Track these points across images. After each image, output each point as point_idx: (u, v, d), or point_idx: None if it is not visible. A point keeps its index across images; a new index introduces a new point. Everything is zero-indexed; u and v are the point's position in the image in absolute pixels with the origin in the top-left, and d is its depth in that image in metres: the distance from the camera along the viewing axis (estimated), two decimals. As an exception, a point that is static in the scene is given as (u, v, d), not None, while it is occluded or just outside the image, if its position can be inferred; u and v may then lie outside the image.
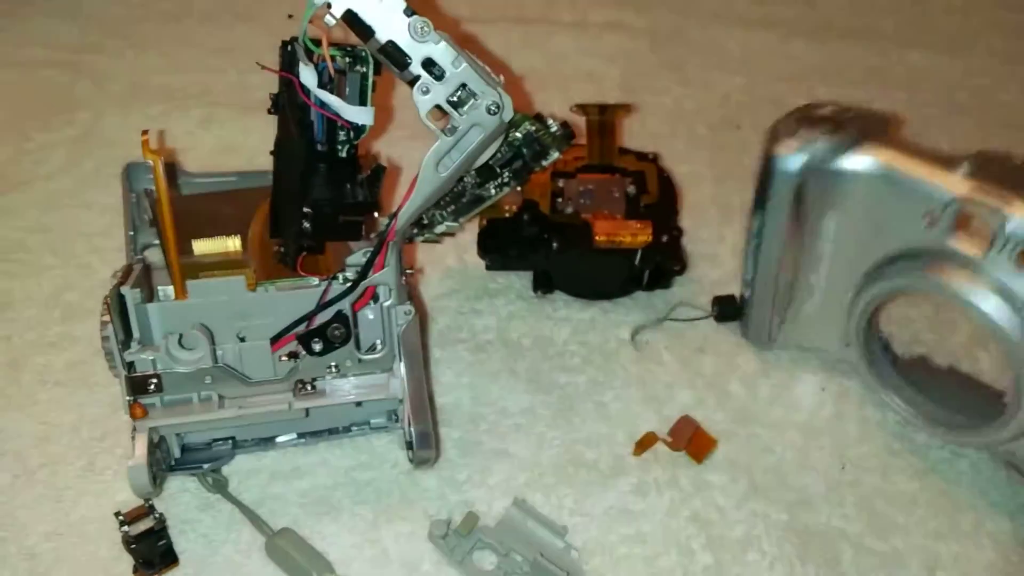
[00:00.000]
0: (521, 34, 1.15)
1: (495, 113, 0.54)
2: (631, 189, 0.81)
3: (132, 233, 0.71)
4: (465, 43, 0.56)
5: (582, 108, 0.83)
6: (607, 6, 1.22)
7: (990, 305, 0.59)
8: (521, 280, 0.83)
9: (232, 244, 0.65)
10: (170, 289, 0.62)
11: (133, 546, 0.60)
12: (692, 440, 0.70)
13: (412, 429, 0.60)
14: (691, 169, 0.97)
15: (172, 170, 0.74)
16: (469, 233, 0.81)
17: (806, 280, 0.73)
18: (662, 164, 0.85)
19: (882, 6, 1.29)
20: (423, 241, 0.75)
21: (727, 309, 0.78)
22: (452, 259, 0.85)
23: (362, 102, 0.57)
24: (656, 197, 0.81)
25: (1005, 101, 1.13)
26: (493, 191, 0.69)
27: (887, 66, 1.17)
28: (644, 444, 0.70)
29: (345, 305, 0.60)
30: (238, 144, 0.95)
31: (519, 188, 0.79)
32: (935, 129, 1.08)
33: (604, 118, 0.83)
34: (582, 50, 1.13)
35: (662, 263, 0.78)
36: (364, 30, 0.51)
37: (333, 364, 0.62)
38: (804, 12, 1.26)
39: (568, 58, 1.12)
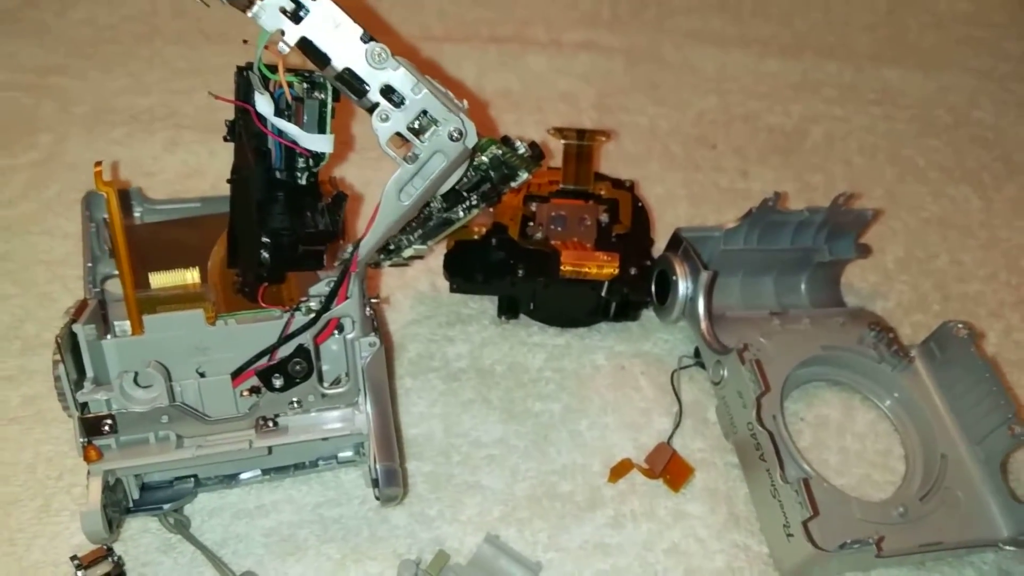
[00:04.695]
0: (495, 54, 1.14)
1: (458, 139, 0.53)
2: (604, 217, 0.80)
3: (91, 265, 0.69)
4: (428, 69, 0.55)
5: (560, 132, 0.82)
6: (581, 26, 1.21)
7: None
8: (494, 305, 0.81)
9: (190, 276, 0.63)
10: (127, 324, 0.59)
11: (88, 592, 0.58)
12: (669, 468, 0.68)
13: (377, 467, 0.58)
14: (666, 190, 0.96)
15: (127, 197, 0.72)
16: (441, 257, 0.79)
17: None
18: (638, 192, 0.84)
19: (858, 24, 1.29)
20: (391, 265, 0.73)
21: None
22: (424, 284, 0.84)
23: (321, 129, 0.55)
24: (628, 227, 0.79)
25: (979, 118, 1.13)
26: (462, 213, 0.67)
27: (862, 83, 1.17)
28: (619, 471, 0.69)
29: (307, 339, 0.58)
30: (204, 167, 0.93)
31: (491, 210, 0.78)
32: (908, 146, 1.07)
33: (581, 143, 0.81)
34: (557, 70, 1.12)
35: (629, 295, 0.76)
36: (320, 57, 0.50)
37: (295, 399, 0.60)
38: (779, 30, 1.25)
39: (543, 78, 1.11)
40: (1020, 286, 0.90)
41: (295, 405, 0.61)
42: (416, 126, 0.52)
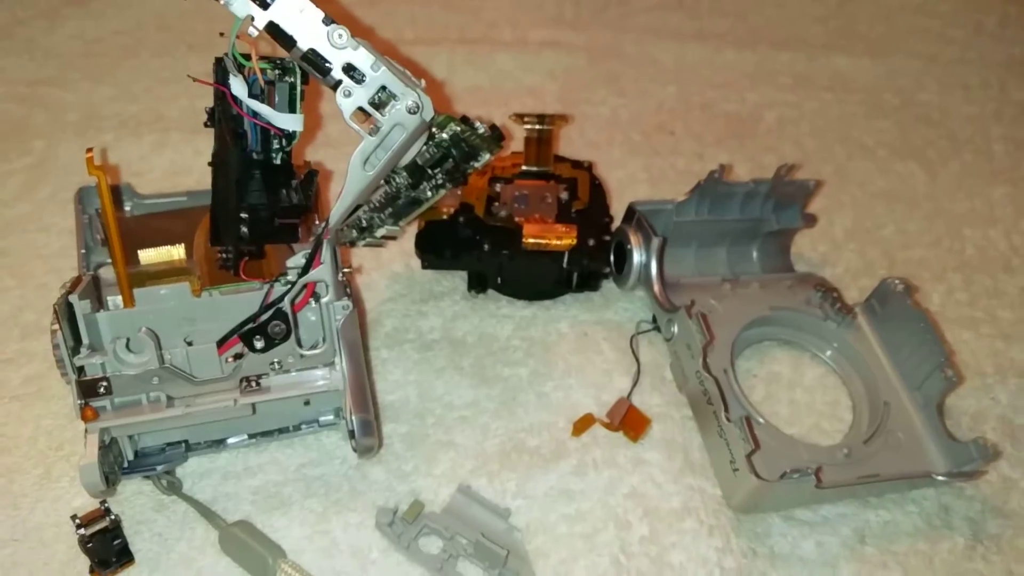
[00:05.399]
0: (464, 54, 1.20)
1: (415, 112, 0.58)
2: (563, 195, 0.85)
3: (84, 251, 0.74)
4: (387, 53, 0.60)
5: (520, 117, 0.88)
6: (546, 26, 1.27)
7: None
8: (464, 282, 0.86)
9: (176, 253, 0.68)
10: (119, 299, 0.64)
11: (89, 546, 0.62)
12: (627, 419, 0.73)
13: (353, 418, 0.63)
14: (627, 173, 1.02)
15: (119, 193, 0.77)
16: (414, 239, 0.85)
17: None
18: (596, 172, 0.89)
19: (810, 16, 1.36)
20: (365, 245, 0.78)
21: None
22: (399, 265, 0.89)
23: (292, 110, 0.60)
24: (586, 203, 0.85)
25: (924, 100, 1.19)
26: (429, 193, 0.72)
27: (814, 71, 1.23)
28: (582, 425, 0.73)
29: (284, 302, 0.63)
30: (189, 166, 0.98)
31: (458, 191, 0.84)
32: (858, 127, 1.13)
33: (541, 127, 0.87)
34: (523, 67, 1.18)
35: (589, 265, 0.82)
36: (286, 40, 0.55)
37: (276, 360, 0.65)
38: (735, 24, 1.32)
39: (510, 75, 1.17)
40: (962, 251, 0.96)
41: (276, 366, 0.66)
42: (377, 100, 0.58)
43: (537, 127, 0.86)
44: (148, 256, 0.67)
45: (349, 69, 0.57)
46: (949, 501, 0.71)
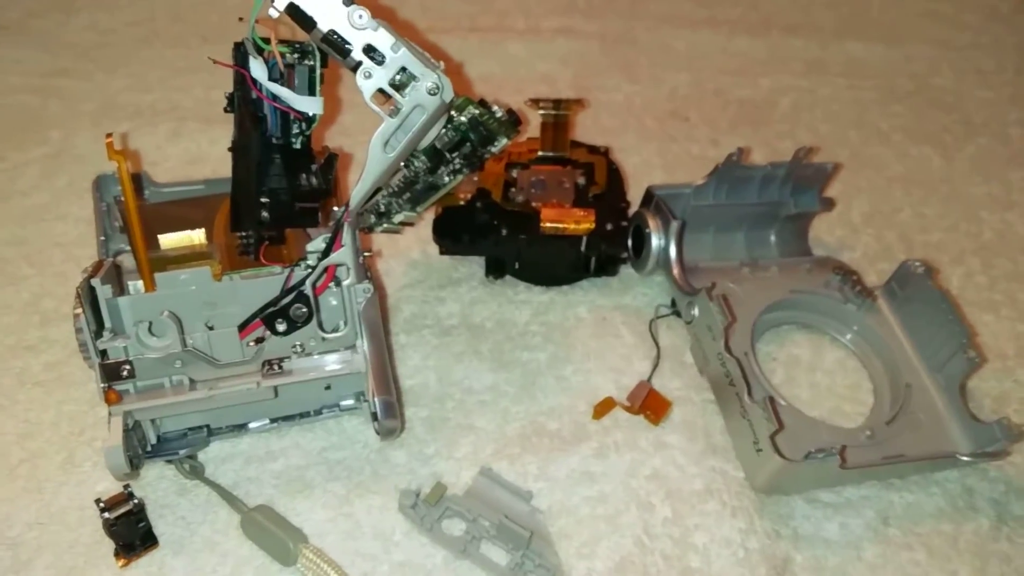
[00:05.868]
0: (477, 42, 1.20)
1: (435, 94, 0.58)
2: (580, 180, 0.85)
3: (103, 239, 0.74)
4: (407, 35, 0.60)
5: (536, 102, 0.87)
6: (559, 13, 1.27)
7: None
8: (482, 269, 0.86)
9: (197, 237, 0.68)
10: (140, 284, 0.65)
11: (113, 529, 0.63)
12: (648, 402, 0.73)
13: (376, 400, 0.63)
14: (642, 159, 1.02)
15: (138, 180, 0.77)
16: (431, 226, 0.84)
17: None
18: (612, 157, 0.89)
19: (821, 2, 1.35)
20: (383, 231, 0.78)
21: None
22: (416, 252, 0.89)
23: (311, 93, 0.60)
24: (604, 187, 0.85)
25: (939, 84, 1.18)
26: (447, 178, 0.72)
27: (827, 57, 1.22)
28: (602, 409, 0.73)
29: (306, 285, 0.63)
30: (205, 154, 0.98)
31: (475, 177, 0.84)
32: (873, 112, 1.13)
33: (558, 112, 0.87)
34: (536, 54, 1.18)
35: (607, 250, 0.81)
36: (306, 21, 0.55)
37: (298, 343, 0.65)
38: (747, 11, 1.31)
39: (523, 62, 1.16)
40: (980, 234, 0.96)
41: (298, 349, 0.66)
42: (397, 82, 0.58)
43: (553, 112, 0.86)
44: (168, 241, 0.68)
45: (369, 50, 0.57)
46: (973, 483, 0.71)
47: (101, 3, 1.26)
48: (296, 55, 0.60)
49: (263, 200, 0.63)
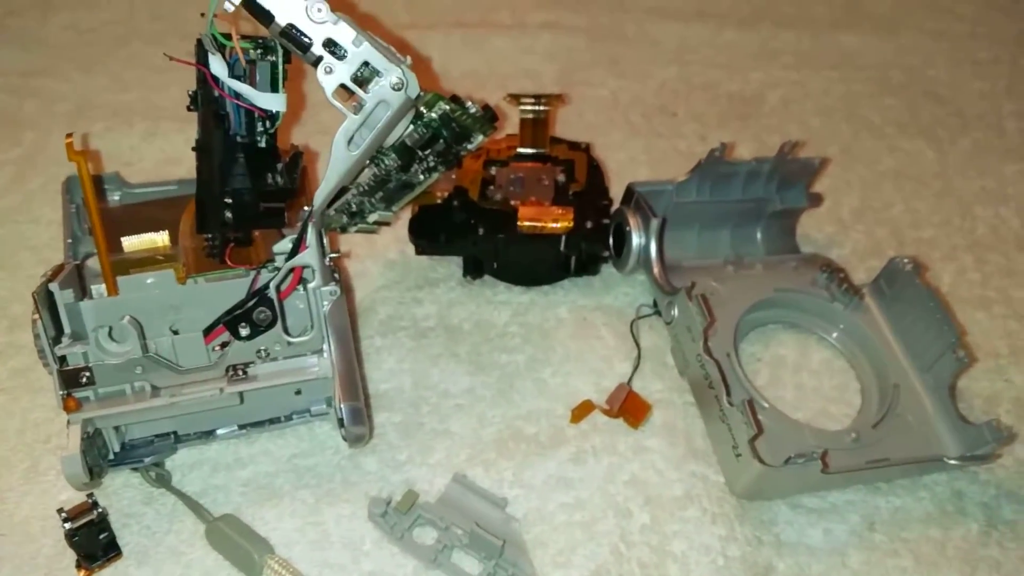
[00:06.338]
0: (460, 38, 1.18)
1: (400, 89, 0.56)
2: (560, 177, 0.83)
3: (71, 241, 0.72)
4: (372, 30, 0.58)
5: (515, 98, 0.85)
6: (544, 8, 1.25)
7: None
8: (461, 268, 0.84)
9: (160, 240, 0.66)
10: (103, 287, 0.63)
11: (75, 539, 0.61)
12: (627, 405, 0.71)
13: (342, 406, 0.61)
14: (628, 156, 1.00)
15: (101, 181, 0.76)
16: (407, 225, 0.83)
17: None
18: (593, 153, 0.87)
19: (814, -6, 1.33)
20: (357, 231, 0.76)
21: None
22: (393, 252, 0.87)
23: (274, 89, 0.59)
24: (584, 185, 0.83)
25: (933, 76, 1.16)
26: (421, 176, 0.70)
27: (819, 49, 1.20)
28: (581, 412, 0.71)
29: (270, 288, 0.62)
30: (180, 155, 0.96)
31: (453, 175, 0.82)
32: (865, 105, 1.10)
33: (536, 108, 0.85)
34: (521, 49, 1.16)
35: (587, 249, 0.79)
36: (264, 15, 0.53)
37: (262, 348, 0.63)
38: (737, 3, 1.29)
39: (507, 57, 1.14)
40: (973, 230, 0.93)
41: (263, 354, 0.64)
42: (359, 77, 0.56)
43: (532, 108, 0.84)
44: (131, 244, 0.66)
45: (330, 44, 0.55)
46: (962, 486, 0.69)
47: (81, 1, 1.25)
48: (258, 51, 0.59)
49: (227, 201, 0.61)
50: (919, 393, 0.73)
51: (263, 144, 0.61)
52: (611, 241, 0.81)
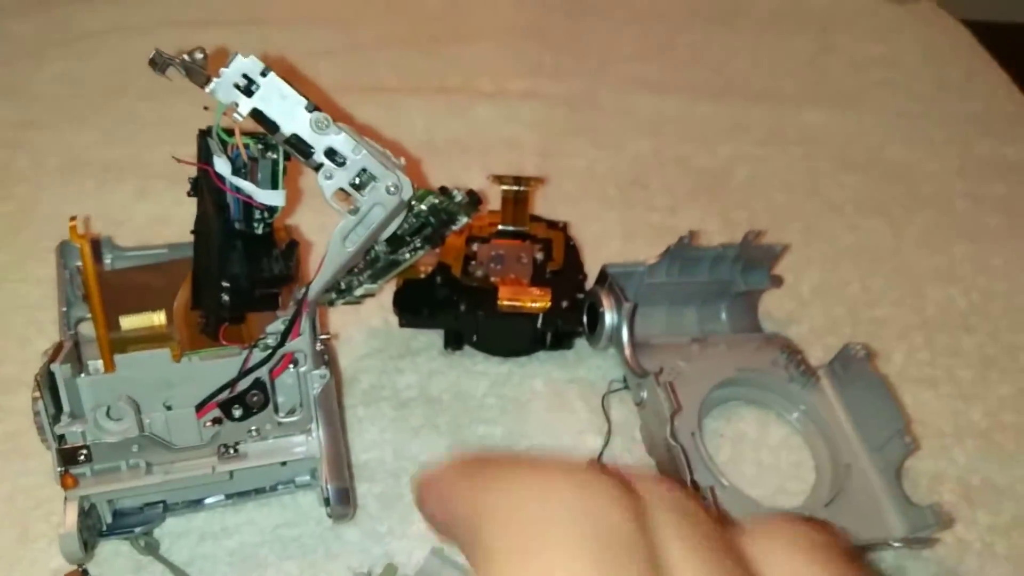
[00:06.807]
0: (443, 104, 1.22)
1: (394, 193, 0.60)
2: (539, 255, 0.88)
3: (65, 309, 0.75)
4: (366, 131, 0.62)
5: (499, 179, 0.90)
6: (525, 76, 1.30)
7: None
8: (441, 338, 0.88)
9: (157, 318, 0.69)
10: (100, 363, 0.66)
11: (64, 610, 0.63)
12: (596, 484, 0.75)
13: (328, 487, 0.65)
14: (601, 228, 1.04)
15: (98, 246, 0.79)
16: (392, 295, 0.86)
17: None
18: (570, 232, 0.92)
19: (782, 70, 1.39)
20: (344, 303, 0.80)
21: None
22: (376, 320, 0.90)
23: (274, 186, 0.62)
24: (561, 264, 0.87)
25: (891, 155, 1.23)
26: (408, 255, 0.74)
27: (785, 125, 1.27)
28: (552, 490, 0.75)
29: (263, 372, 0.65)
30: (170, 215, 0.99)
31: (436, 251, 0.86)
32: (827, 182, 1.17)
33: (518, 188, 0.89)
34: (502, 118, 1.21)
35: (562, 326, 0.84)
36: (270, 125, 0.57)
37: (254, 428, 0.67)
38: (710, 77, 1.35)
39: (488, 125, 1.19)
40: (923, 309, 0.99)
41: (254, 433, 0.67)
42: (357, 182, 0.60)
43: (514, 188, 0.89)
44: (130, 322, 0.69)
45: (331, 153, 0.59)
46: (906, 563, 0.74)
47: (74, 51, 1.27)
48: (260, 147, 0.62)
49: (224, 284, 0.64)
50: (869, 472, 0.78)
51: (260, 232, 0.65)
52: (585, 318, 0.86)
